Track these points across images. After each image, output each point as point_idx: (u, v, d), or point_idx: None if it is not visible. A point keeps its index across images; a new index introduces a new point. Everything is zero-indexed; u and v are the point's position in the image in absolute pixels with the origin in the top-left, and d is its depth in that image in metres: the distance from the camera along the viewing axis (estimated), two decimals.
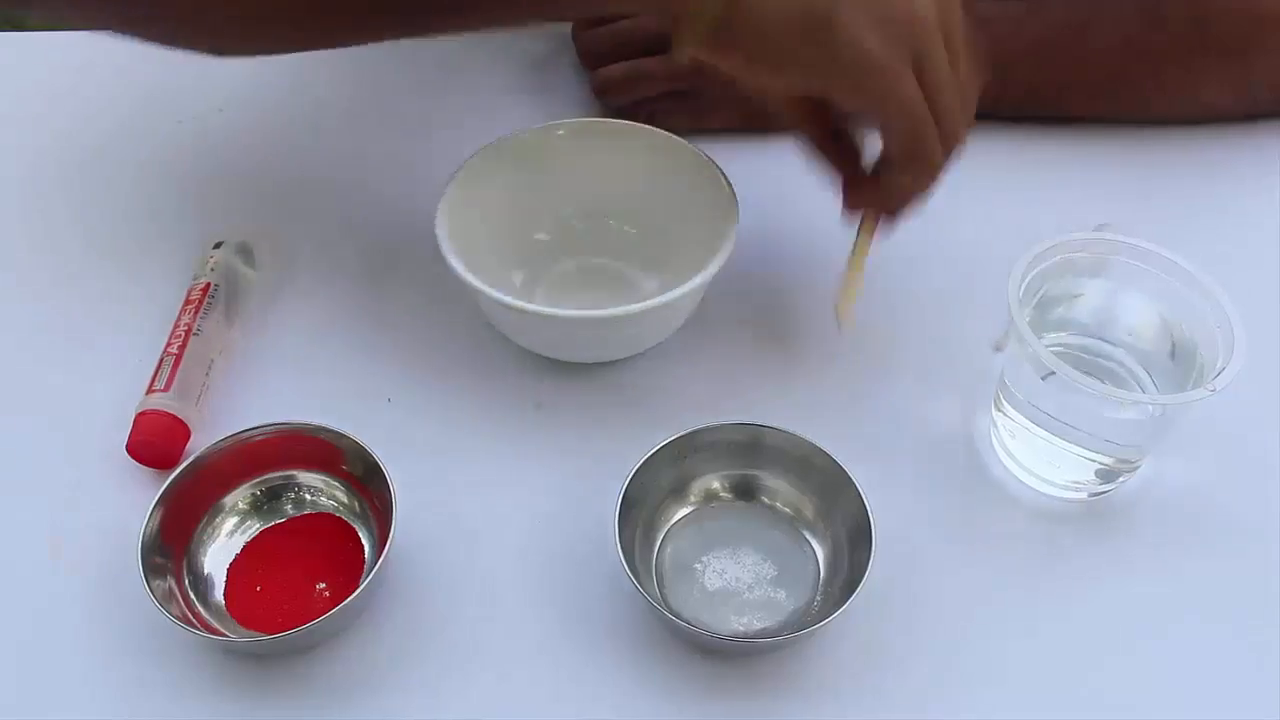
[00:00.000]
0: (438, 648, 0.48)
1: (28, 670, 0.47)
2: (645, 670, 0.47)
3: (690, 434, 0.50)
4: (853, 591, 0.45)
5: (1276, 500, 0.53)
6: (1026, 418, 0.52)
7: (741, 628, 0.47)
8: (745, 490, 0.52)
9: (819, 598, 0.48)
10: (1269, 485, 0.54)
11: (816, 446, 0.49)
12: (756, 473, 0.51)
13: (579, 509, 0.52)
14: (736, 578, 0.49)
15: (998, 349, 0.54)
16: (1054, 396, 0.50)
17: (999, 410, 0.54)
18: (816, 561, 0.49)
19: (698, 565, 0.49)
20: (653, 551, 0.50)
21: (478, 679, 0.47)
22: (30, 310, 0.61)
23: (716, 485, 0.52)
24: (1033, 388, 0.51)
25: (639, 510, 0.49)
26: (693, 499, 0.51)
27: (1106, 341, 0.53)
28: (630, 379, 0.57)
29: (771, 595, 0.48)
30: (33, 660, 0.47)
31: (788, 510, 0.51)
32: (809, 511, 0.50)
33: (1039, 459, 0.53)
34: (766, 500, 0.51)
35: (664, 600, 0.48)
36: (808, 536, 0.50)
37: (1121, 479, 0.53)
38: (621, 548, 0.46)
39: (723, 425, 0.50)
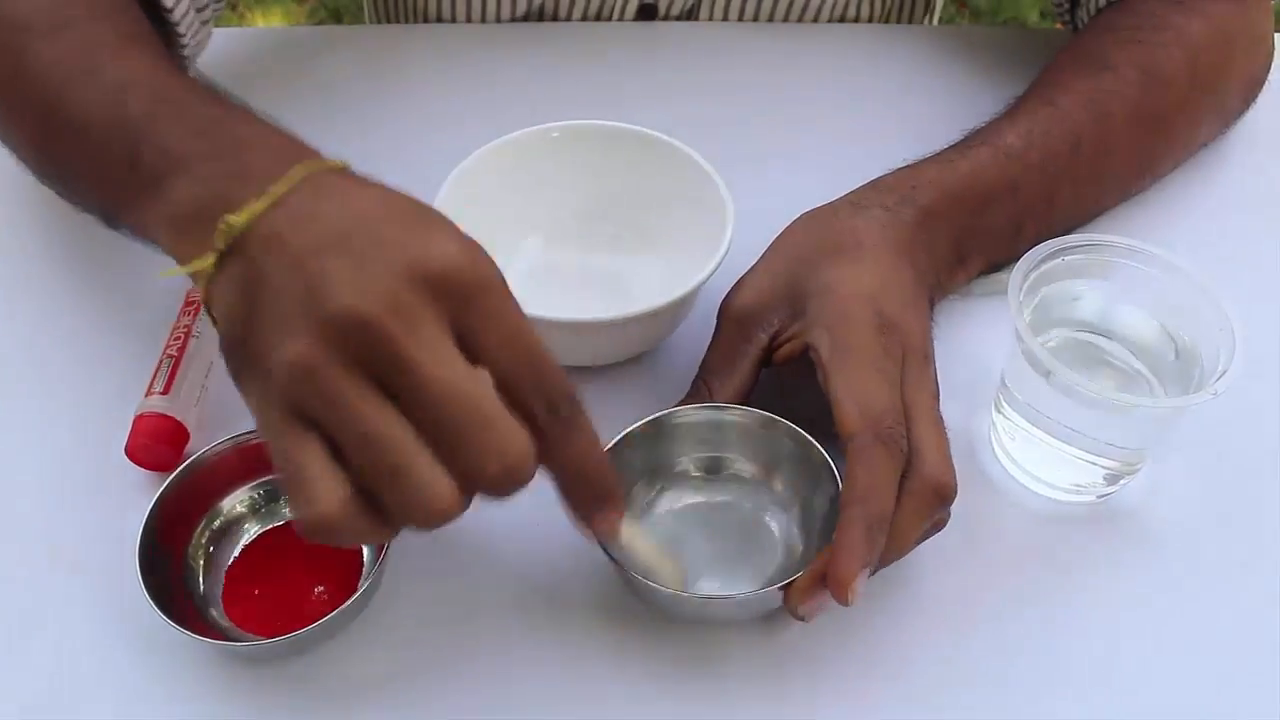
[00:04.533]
0: (437, 649, 0.48)
1: (26, 673, 0.47)
2: (633, 657, 0.48)
3: (657, 418, 0.50)
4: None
5: (1276, 503, 0.53)
6: (1026, 420, 0.52)
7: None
8: (715, 469, 0.52)
9: (794, 572, 0.48)
10: (1269, 488, 0.54)
11: (780, 420, 0.50)
12: (726, 454, 0.52)
13: None
14: (710, 556, 0.50)
15: None
16: (1054, 399, 0.50)
17: (999, 412, 0.54)
18: (792, 536, 0.50)
19: (672, 546, 0.49)
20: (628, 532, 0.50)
21: (475, 680, 0.47)
22: (30, 312, 0.61)
23: (688, 467, 0.52)
24: (1033, 390, 0.51)
25: None
26: (663, 481, 0.52)
27: (1108, 338, 0.53)
28: (629, 379, 0.57)
29: (748, 570, 0.49)
30: (31, 663, 0.47)
31: (759, 487, 0.51)
32: (780, 486, 0.51)
33: (1039, 461, 0.53)
34: (737, 478, 0.52)
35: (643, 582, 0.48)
36: (782, 510, 0.51)
37: (1122, 481, 0.53)
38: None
39: (688, 409, 0.51)
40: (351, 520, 0.37)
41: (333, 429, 0.36)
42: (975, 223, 0.56)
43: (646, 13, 0.80)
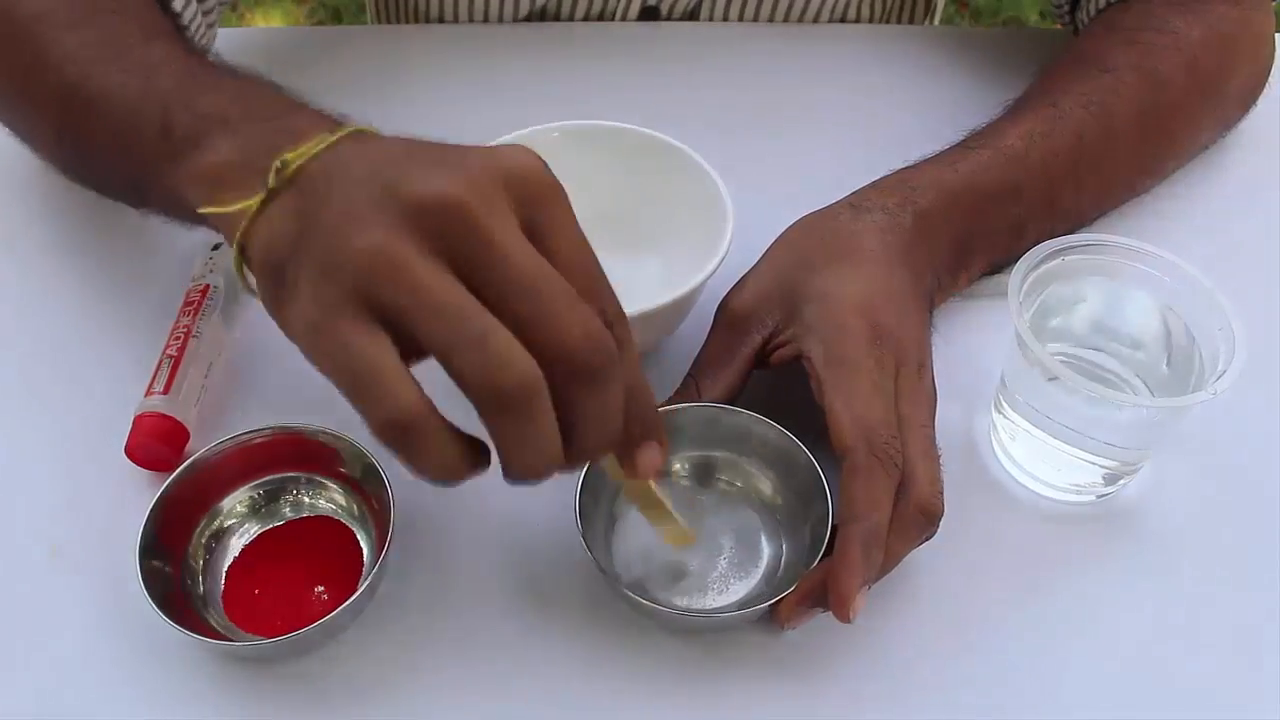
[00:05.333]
0: (436, 649, 0.48)
1: (26, 673, 0.47)
2: (630, 658, 0.48)
3: None
4: (813, 562, 0.46)
5: (1276, 502, 0.53)
6: (1027, 420, 0.52)
7: (710, 605, 0.48)
8: (705, 471, 0.52)
9: (781, 574, 0.49)
10: (1269, 487, 0.54)
11: (768, 422, 0.50)
12: (715, 454, 0.52)
13: None
14: (701, 558, 0.50)
15: None
16: (1054, 399, 0.50)
17: (999, 412, 0.54)
18: (779, 538, 0.50)
19: (663, 547, 0.50)
20: (621, 537, 0.50)
21: (474, 680, 0.47)
22: (29, 312, 0.61)
23: (677, 467, 0.52)
24: (1033, 390, 0.51)
25: (604, 497, 0.50)
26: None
27: (1104, 352, 0.53)
28: None
29: (736, 574, 0.49)
30: (31, 663, 0.47)
31: (748, 489, 0.52)
32: (768, 489, 0.51)
33: (1039, 461, 0.53)
34: (725, 480, 0.52)
35: (638, 584, 0.48)
36: (770, 513, 0.51)
37: (1122, 481, 0.53)
38: (592, 536, 0.47)
39: (677, 407, 0.51)
40: (431, 417, 0.35)
41: (410, 312, 0.34)
42: (976, 224, 0.56)
43: (649, 14, 0.80)
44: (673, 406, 0.51)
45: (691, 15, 0.81)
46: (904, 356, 0.49)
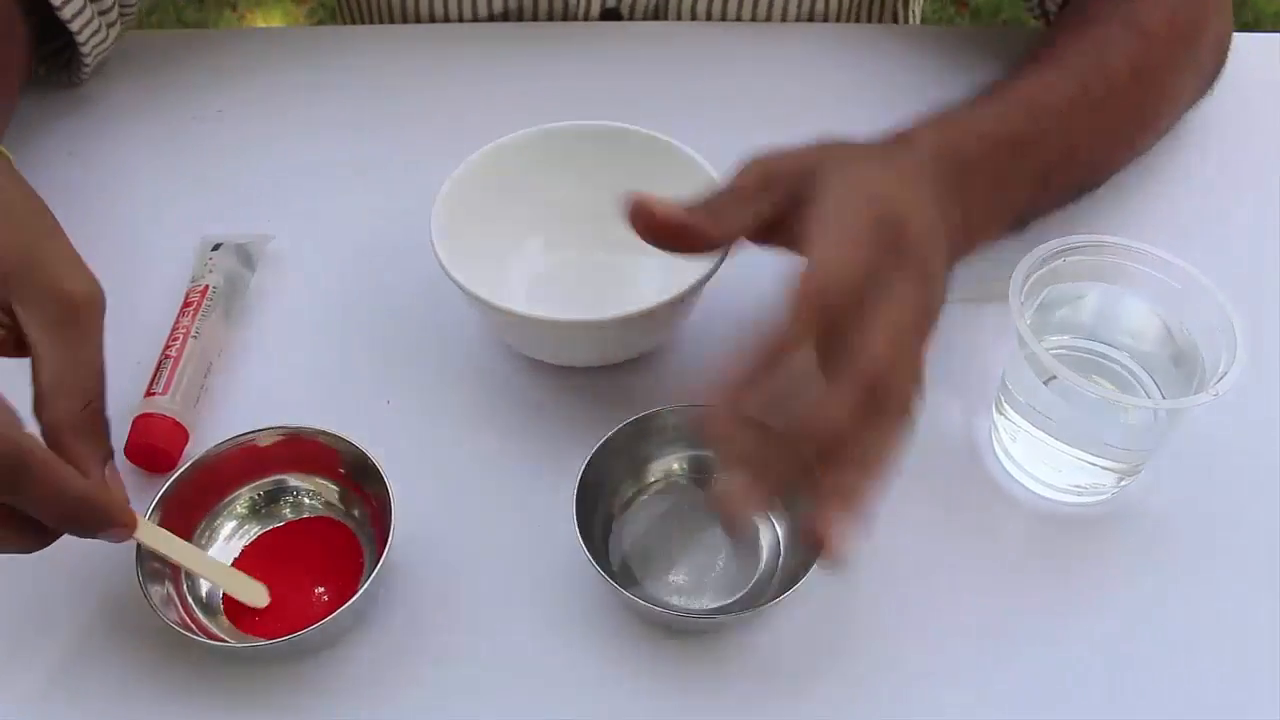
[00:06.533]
0: (437, 650, 0.48)
1: (26, 673, 0.47)
2: (628, 659, 0.48)
3: (644, 418, 0.51)
4: (809, 567, 0.45)
5: (1276, 502, 0.53)
6: (1027, 421, 0.52)
7: (707, 605, 0.48)
8: (701, 470, 0.52)
9: (779, 575, 0.49)
10: (1270, 489, 0.54)
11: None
12: (711, 453, 0.52)
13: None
14: (698, 558, 0.50)
15: None
16: (1055, 400, 0.50)
17: (1000, 413, 0.54)
18: (776, 538, 0.50)
19: (660, 547, 0.50)
20: (618, 536, 0.50)
21: (477, 680, 0.47)
22: None
23: (675, 467, 0.52)
24: (1034, 391, 0.51)
25: (601, 496, 0.50)
26: (651, 482, 0.52)
27: (1108, 345, 0.53)
28: (629, 380, 0.57)
29: (732, 573, 0.49)
30: (31, 663, 0.47)
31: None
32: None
33: (1040, 462, 0.53)
34: (724, 479, 0.52)
35: (635, 584, 0.48)
36: (767, 513, 0.51)
37: (1123, 483, 0.53)
38: (589, 535, 0.47)
39: (674, 408, 0.51)
40: None
41: None
42: (1007, 170, 0.54)
43: (610, 16, 0.80)
44: (669, 407, 0.51)
45: (655, 15, 0.81)
46: (908, 248, 0.45)
